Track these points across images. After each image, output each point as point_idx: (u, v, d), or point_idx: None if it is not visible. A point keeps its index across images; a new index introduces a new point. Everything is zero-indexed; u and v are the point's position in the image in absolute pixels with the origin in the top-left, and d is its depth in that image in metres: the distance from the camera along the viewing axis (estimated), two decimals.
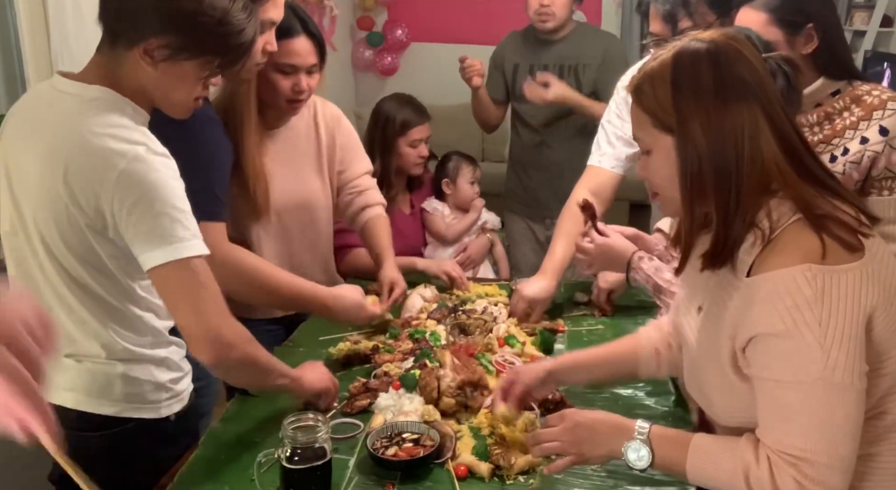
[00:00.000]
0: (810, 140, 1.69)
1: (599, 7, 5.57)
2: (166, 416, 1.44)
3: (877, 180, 1.65)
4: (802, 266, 1.01)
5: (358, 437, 1.47)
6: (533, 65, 2.83)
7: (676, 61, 1.10)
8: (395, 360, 1.75)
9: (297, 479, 1.25)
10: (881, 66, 4.28)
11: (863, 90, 1.69)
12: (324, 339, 1.91)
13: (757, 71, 1.09)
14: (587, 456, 1.23)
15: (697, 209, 1.11)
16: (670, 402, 1.60)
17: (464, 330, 1.90)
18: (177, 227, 1.24)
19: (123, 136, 1.24)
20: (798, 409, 1.03)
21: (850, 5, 5.17)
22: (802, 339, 1.01)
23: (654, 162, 1.16)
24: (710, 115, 1.07)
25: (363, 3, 5.81)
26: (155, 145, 1.27)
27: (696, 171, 1.08)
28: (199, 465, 1.40)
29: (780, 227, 1.07)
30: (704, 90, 1.07)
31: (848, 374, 1.01)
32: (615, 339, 1.88)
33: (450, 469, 1.37)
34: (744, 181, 1.06)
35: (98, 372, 1.36)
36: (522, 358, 1.75)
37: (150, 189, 1.22)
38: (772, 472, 1.04)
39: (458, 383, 1.53)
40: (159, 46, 1.25)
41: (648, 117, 1.13)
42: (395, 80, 6.00)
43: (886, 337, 1.05)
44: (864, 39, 4.96)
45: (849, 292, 1.01)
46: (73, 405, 1.35)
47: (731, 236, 1.09)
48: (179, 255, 1.24)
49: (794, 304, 1.01)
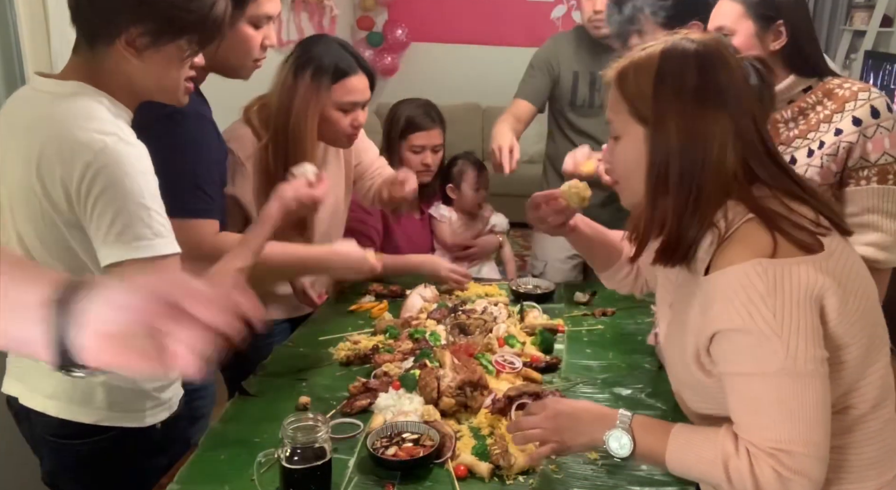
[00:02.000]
0: (786, 136, 1.74)
1: None
2: (152, 425, 1.41)
3: (853, 170, 1.69)
4: (753, 261, 1.04)
5: (358, 437, 1.47)
6: (594, 72, 2.58)
7: (664, 56, 1.12)
8: (395, 360, 1.75)
9: (296, 479, 1.25)
10: (881, 65, 4.28)
11: (834, 84, 1.73)
12: (324, 339, 1.91)
13: (738, 81, 1.12)
14: (568, 444, 1.23)
15: (659, 202, 1.13)
16: (671, 403, 1.60)
17: (464, 330, 1.90)
18: (138, 224, 1.20)
19: (93, 126, 1.21)
20: (766, 400, 1.05)
21: (850, 5, 5.17)
22: (760, 332, 1.03)
23: (623, 148, 1.18)
24: (687, 116, 1.09)
25: (363, 3, 5.82)
26: (128, 136, 1.23)
27: (663, 167, 1.10)
28: (199, 465, 1.40)
29: (735, 226, 1.09)
30: (686, 91, 1.09)
31: (810, 361, 1.03)
32: (615, 342, 1.90)
33: (450, 469, 1.37)
34: (704, 185, 1.09)
35: (79, 381, 1.33)
36: (522, 358, 1.75)
37: (116, 182, 1.19)
38: (751, 462, 1.05)
39: (458, 383, 1.53)
40: (139, 35, 1.24)
41: (626, 105, 1.15)
42: (395, 80, 6.01)
43: (843, 329, 1.07)
44: (864, 39, 4.96)
45: (801, 283, 1.03)
46: (54, 413, 1.34)
47: (684, 236, 1.12)
48: (136, 255, 1.20)
49: (748, 298, 1.03)
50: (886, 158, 1.66)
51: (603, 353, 1.85)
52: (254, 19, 1.63)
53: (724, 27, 1.70)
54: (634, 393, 1.65)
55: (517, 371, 1.70)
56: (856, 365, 1.10)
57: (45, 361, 0.70)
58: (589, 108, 2.58)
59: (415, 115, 2.48)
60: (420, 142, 2.46)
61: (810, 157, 1.70)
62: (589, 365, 1.79)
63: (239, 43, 1.63)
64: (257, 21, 1.64)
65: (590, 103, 2.59)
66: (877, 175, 1.67)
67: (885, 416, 1.15)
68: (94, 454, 1.37)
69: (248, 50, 1.65)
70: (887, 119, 1.67)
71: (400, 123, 2.48)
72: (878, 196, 1.68)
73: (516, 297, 2.18)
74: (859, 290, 1.09)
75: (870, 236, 1.69)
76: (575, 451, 1.28)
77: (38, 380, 1.35)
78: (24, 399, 1.36)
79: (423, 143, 2.47)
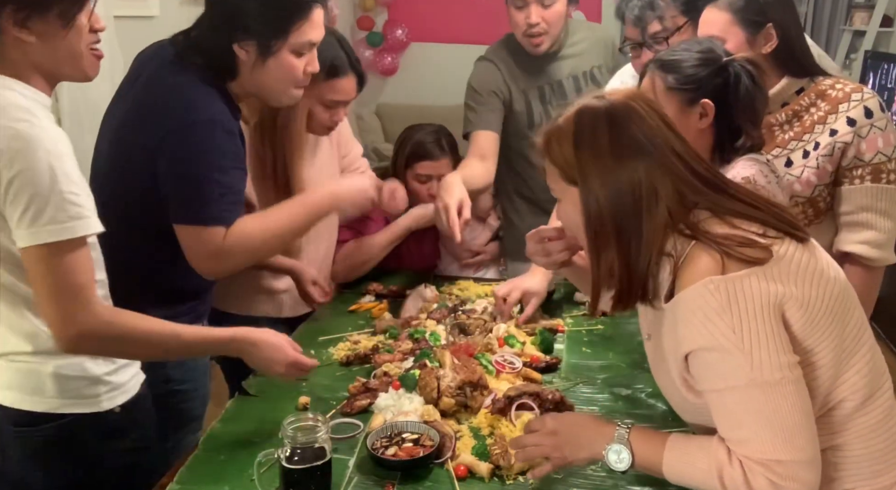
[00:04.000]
0: (781, 139, 1.76)
1: (599, 7, 5.57)
2: (109, 409, 1.40)
3: (847, 169, 1.71)
4: (705, 280, 1.08)
5: (358, 437, 1.47)
6: (543, 85, 2.39)
7: (577, 120, 1.19)
8: (395, 360, 1.75)
9: (296, 479, 1.25)
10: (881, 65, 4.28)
11: (826, 85, 1.74)
12: (324, 339, 1.91)
13: (651, 127, 1.16)
14: (569, 459, 1.26)
15: (603, 255, 1.17)
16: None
17: (464, 330, 1.90)
18: (51, 208, 1.20)
19: (6, 115, 1.21)
20: (743, 413, 1.07)
21: (850, 5, 5.16)
22: (722, 347, 1.06)
23: (564, 210, 1.25)
24: (607, 171, 1.15)
25: (363, 3, 5.82)
26: (41, 121, 1.23)
27: (598, 222, 1.16)
28: (199, 465, 1.40)
29: (684, 253, 1.13)
30: (601, 148, 1.16)
31: (776, 369, 1.05)
32: (615, 342, 1.90)
33: (450, 469, 1.37)
34: (643, 227, 1.14)
35: (29, 371, 1.34)
36: (522, 358, 1.75)
37: (29, 167, 1.19)
38: (744, 472, 1.07)
39: (458, 383, 1.53)
40: (17, 10, 1.23)
41: (556, 169, 1.21)
42: (395, 80, 6.01)
43: (810, 330, 1.09)
44: (864, 39, 4.96)
45: (753, 294, 1.06)
46: (10, 404, 1.35)
47: (634, 278, 1.16)
48: (49, 239, 1.21)
49: (704, 316, 1.07)
50: (880, 157, 1.68)
51: (603, 353, 1.85)
52: (297, 47, 1.60)
53: (713, 37, 1.69)
54: (634, 393, 1.65)
55: (517, 371, 1.70)
56: (832, 360, 1.11)
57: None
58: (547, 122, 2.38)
59: (423, 142, 2.36)
60: (426, 171, 2.35)
61: (806, 159, 1.72)
62: (589, 365, 1.79)
63: (282, 71, 1.60)
64: (300, 49, 1.60)
65: (547, 118, 2.35)
66: (871, 174, 1.69)
67: (884, 406, 1.15)
68: (53, 441, 1.37)
69: (292, 78, 1.63)
70: (880, 119, 1.69)
71: (406, 150, 2.37)
72: (872, 195, 1.69)
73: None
74: (820, 286, 1.11)
75: (864, 234, 1.71)
76: (577, 465, 1.30)
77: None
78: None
79: (430, 172, 2.34)
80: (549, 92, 2.40)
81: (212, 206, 1.55)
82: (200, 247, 1.57)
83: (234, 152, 1.60)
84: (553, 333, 1.91)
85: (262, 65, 1.58)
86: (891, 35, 5.04)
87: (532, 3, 2.22)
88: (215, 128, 1.54)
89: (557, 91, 2.40)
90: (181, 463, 1.40)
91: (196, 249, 1.57)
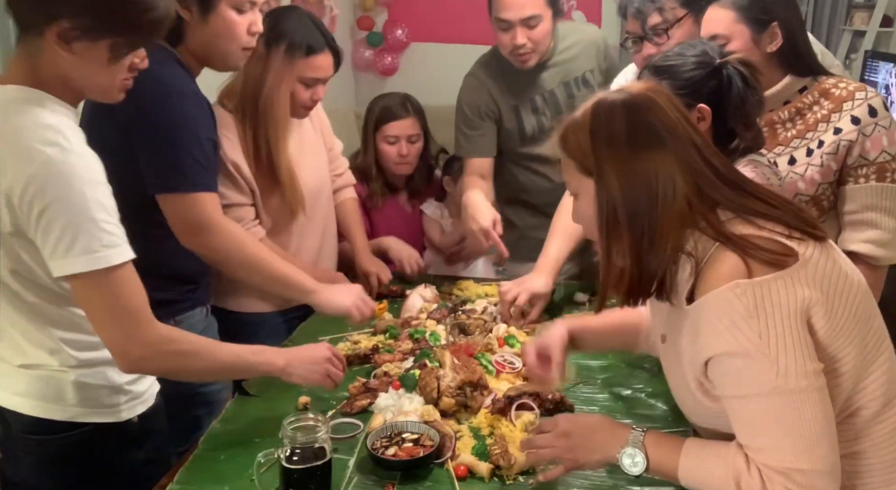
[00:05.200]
0: (783, 136, 1.75)
1: (599, 7, 5.57)
2: (128, 419, 1.41)
3: (852, 168, 1.71)
4: (731, 284, 1.05)
5: (358, 437, 1.47)
6: (534, 97, 2.37)
7: (595, 111, 1.17)
8: (395, 360, 1.75)
9: (296, 479, 1.25)
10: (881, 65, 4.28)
11: (829, 84, 1.74)
12: (324, 339, 1.91)
13: (670, 118, 1.14)
14: (582, 462, 1.24)
15: (614, 250, 1.15)
16: (671, 403, 1.60)
17: (464, 330, 1.90)
18: (85, 237, 1.19)
19: (36, 136, 1.19)
20: (765, 421, 1.05)
21: (850, 5, 5.16)
22: (748, 354, 1.04)
23: (581, 206, 1.22)
24: (623, 162, 1.13)
25: (363, 3, 5.81)
26: (73, 144, 1.21)
27: (611, 215, 1.14)
28: (199, 465, 1.40)
29: (707, 253, 1.11)
30: (617, 139, 1.14)
31: (802, 377, 1.03)
32: None
33: (450, 469, 1.37)
34: (658, 223, 1.11)
35: (51, 379, 1.33)
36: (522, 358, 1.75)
37: (61, 196, 1.18)
38: (763, 480, 1.05)
39: (458, 383, 1.53)
40: (68, 29, 1.20)
41: (573, 162, 1.20)
42: (395, 80, 5.99)
43: (834, 336, 1.07)
44: (864, 39, 4.95)
45: (781, 299, 1.04)
46: (27, 411, 1.34)
47: (645, 274, 1.14)
48: (86, 268, 1.20)
49: (731, 322, 1.04)
50: (885, 156, 1.68)
51: (603, 353, 1.85)
52: (236, 3, 1.63)
53: (718, 35, 1.69)
54: (634, 393, 1.65)
55: (517, 371, 1.70)
56: (854, 367, 1.09)
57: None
58: (540, 133, 2.37)
59: (388, 106, 2.47)
60: (394, 132, 2.44)
61: (810, 157, 1.71)
62: (589, 365, 1.79)
63: (225, 28, 1.64)
64: (240, 5, 1.64)
65: (540, 129, 2.38)
66: (875, 173, 1.68)
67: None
68: (70, 450, 1.36)
69: (233, 35, 1.65)
70: (884, 118, 1.69)
71: (374, 116, 2.47)
72: (877, 193, 1.69)
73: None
74: (844, 291, 1.09)
75: (868, 233, 1.70)
76: (589, 468, 1.29)
77: (8, 380, 1.35)
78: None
79: (397, 133, 2.44)
80: (541, 102, 2.38)
81: (190, 174, 1.59)
82: (183, 215, 1.61)
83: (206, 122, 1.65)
84: None
85: (205, 22, 1.62)
86: (891, 35, 5.03)
87: (517, 26, 2.19)
88: (184, 98, 1.60)
89: (549, 100, 2.38)
90: (181, 463, 1.40)
91: (178, 218, 1.62)
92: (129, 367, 1.30)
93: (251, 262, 1.73)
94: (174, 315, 1.71)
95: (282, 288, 1.83)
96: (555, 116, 2.37)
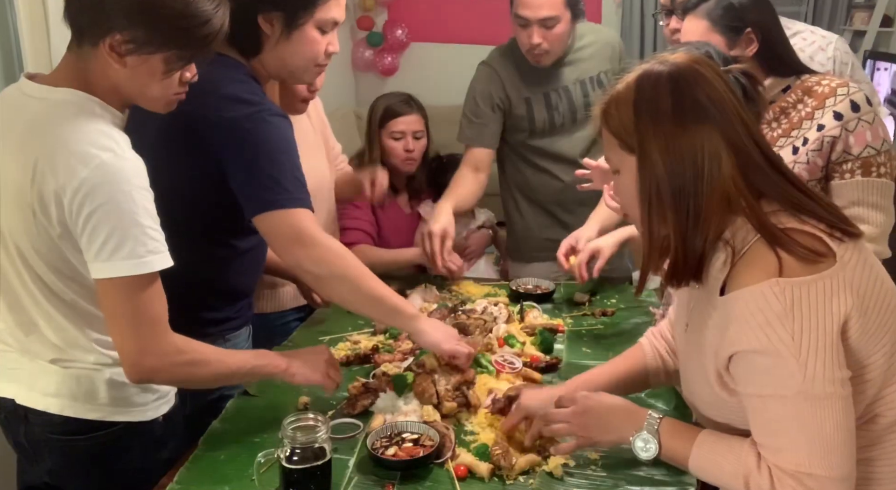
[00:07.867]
0: (769, 136, 1.75)
1: (599, 7, 5.57)
2: (154, 418, 1.42)
3: (837, 164, 1.71)
4: (770, 281, 1.03)
5: (358, 437, 1.47)
6: (549, 91, 2.38)
7: (639, 85, 1.12)
8: (395, 360, 1.74)
9: (296, 479, 1.25)
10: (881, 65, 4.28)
11: (812, 81, 1.75)
12: (324, 340, 1.91)
13: (718, 92, 1.10)
14: (595, 440, 1.25)
15: (656, 229, 1.12)
16: (671, 403, 1.60)
17: (464, 330, 1.89)
18: (131, 242, 1.21)
19: (89, 139, 1.21)
20: (785, 423, 1.04)
21: (850, 5, 5.17)
22: (778, 354, 1.02)
23: (622, 182, 1.18)
24: (668, 137, 1.09)
25: (363, 3, 5.81)
26: (123, 150, 1.23)
27: (654, 192, 1.10)
28: (199, 465, 1.40)
29: (747, 245, 1.08)
30: (663, 113, 1.09)
31: (829, 384, 1.01)
32: (615, 342, 1.90)
33: (450, 469, 1.37)
34: (703, 201, 1.08)
35: (84, 377, 1.34)
36: (522, 358, 1.75)
37: (110, 200, 1.19)
38: (772, 480, 1.05)
39: (454, 384, 1.54)
40: (123, 41, 1.21)
41: (615, 139, 1.16)
42: (395, 80, 6.00)
43: (864, 342, 1.06)
44: (864, 39, 4.96)
45: (819, 302, 1.01)
46: (57, 411, 1.34)
47: (690, 255, 1.11)
48: (129, 272, 1.21)
49: (765, 320, 1.02)
50: (869, 151, 1.68)
51: (603, 353, 1.85)
52: (321, 23, 1.59)
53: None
54: (636, 394, 1.65)
55: (517, 371, 1.70)
56: (880, 375, 1.08)
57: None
58: (551, 128, 2.40)
59: (393, 103, 2.48)
60: (399, 128, 2.45)
61: (796, 155, 1.73)
62: (589, 365, 1.77)
63: (305, 46, 1.59)
64: (324, 25, 1.60)
65: (551, 124, 2.39)
66: (860, 168, 1.69)
67: None
68: (99, 450, 1.37)
69: (314, 55, 1.61)
70: (867, 112, 1.69)
71: (378, 113, 2.48)
72: (863, 188, 1.69)
73: (516, 297, 2.18)
74: (878, 297, 1.07)
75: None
76: (602, 446, 1.31)
77: (37, 379, 1.35)
78: (21, 399, 1.35)
79: (403, 128, 2.45)
80: (555, 98, 2.39)
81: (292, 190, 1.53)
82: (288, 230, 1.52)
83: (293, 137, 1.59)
84: (553, 333, 1.91)
85: (287, 39, 1.57)
86: (891, 35, 5.04)
87: (534, 24, 2.21)
88: (273, 116, 1.54)
89: (564, 96, 2.39)
90: (181, 463, 1.40)
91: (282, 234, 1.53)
92: (138, 376, 1.30)
93: (353, 277, 1.58)
94: (224, 334, 1.70)
95: (380, 309, 1.63)
96: (567, 113, 2.39)
